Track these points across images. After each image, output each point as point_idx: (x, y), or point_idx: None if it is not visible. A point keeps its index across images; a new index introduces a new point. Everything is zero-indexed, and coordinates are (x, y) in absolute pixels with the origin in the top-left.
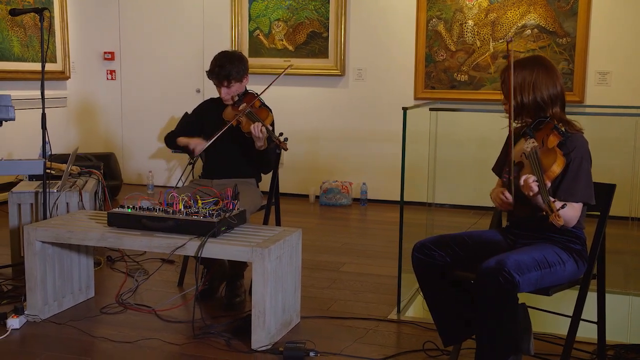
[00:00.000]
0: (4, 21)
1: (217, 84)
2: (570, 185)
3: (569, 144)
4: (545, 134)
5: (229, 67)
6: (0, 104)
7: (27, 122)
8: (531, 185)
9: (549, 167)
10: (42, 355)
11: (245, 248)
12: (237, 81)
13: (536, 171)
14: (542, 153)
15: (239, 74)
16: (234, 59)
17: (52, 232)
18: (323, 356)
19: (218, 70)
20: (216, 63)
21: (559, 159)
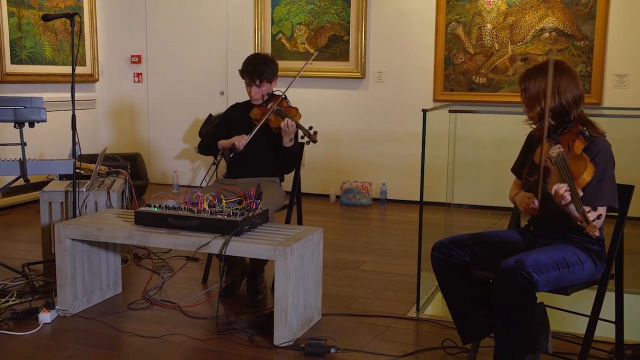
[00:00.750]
0: (37, 26)
1: (249, 83)
2: (595, 190)
3: (593, 148)
4: (570, 138)
5: (262, 67)
6: (33, 106)
7: (57, 124)
8: (564, 195)
9: (580, 175)
10: (72, 349)
11: (268, 246)
12: (268, 82)
13: (567, 179)
14: (570, 159)
15: (270, 75)
16: (266, 61)
17: (81, 229)
18: (344, 353)
19: (251, 69)
20: (249, 62)
21: (589, 167)
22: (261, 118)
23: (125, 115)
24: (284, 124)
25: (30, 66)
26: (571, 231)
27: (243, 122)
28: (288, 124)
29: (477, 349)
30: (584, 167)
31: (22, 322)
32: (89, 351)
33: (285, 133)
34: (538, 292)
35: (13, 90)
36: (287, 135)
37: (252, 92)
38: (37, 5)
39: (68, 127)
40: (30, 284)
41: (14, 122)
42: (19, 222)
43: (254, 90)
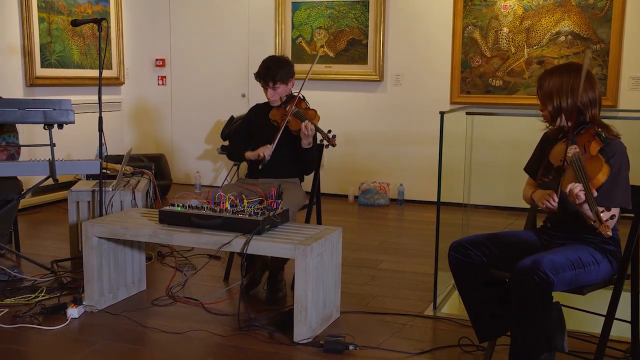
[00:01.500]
0: (65, 31)
1: (264, 85)
2: (609, 191)
3: (608, 150)
4: (586, 139)
5: (275, 69)
6: (62, 108)
7: (85, 125)
8: (578, 194)
9: (595, 176)
10: (99, 343)
11: (289, 245)
12: (283, 83)
13: (582, 179)
14: (586, 160)
15: (285, 76)
16: (280, 62)
17: (107, 228)
18: (362, 350)
19: (264, 72)
20: (264, 65)
21: (604, 168)
22: (281, 120)
23: (149, 117)
24: (304, 127)
25: (59, 70)
26: (587, 232)
27: (263, 124)
28: (307, 127)
29: (493, 348)
30: (599, 167)
31: (51, 317)
32: (115, 346)
33: (304, 135)
34: (554, 292)
35: (43, 93)
36: (305, 138)
37: (269, 94)
38: (66, 11)
39: (95, 128)
40: (59, 280)
41: (44, 124)
42: (48, 220)
43: (270, 92)
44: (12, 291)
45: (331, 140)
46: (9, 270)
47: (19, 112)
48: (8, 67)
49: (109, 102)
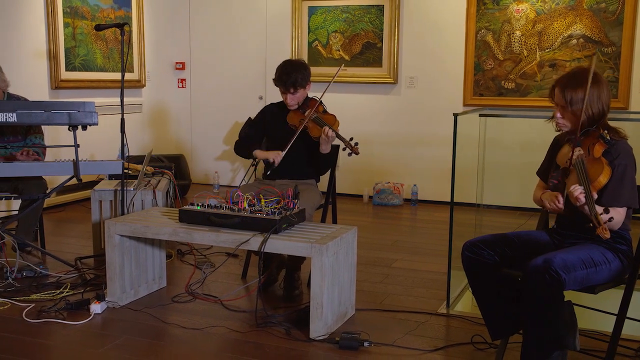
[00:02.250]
0: (89, 36)
1: (284, 91)
2: (615, 191)
3: (613, 151)
4: (591, 142)
5: (295, 75)
6: (85, 110)
7: (107, 127)
8: (578, 196)
9: (596, 178)
10: (121, 338)
11: (305, 244)
12: (302, 87)
13: (583, 181)
14: (589, 162)
15: (304, 80)
16: (299, 67)
17: (129, 226)
18: (376, 346)
19: (285, 78)
20: (282, 71)
21: (606, 170)
22: (299, 125)
23: (169, 118)
24: (324, 134)
25: (83, 73)
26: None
27: (279, 126)
28: (328, 134)
29: (505, 345)
30: (600, 170)
31: (75, 312)
32: (136, 341)
33: (324, 142)
34: (566, 291)
35: (67, 96)
36: (325, 144)
37: (288, 99)
38: (90, 16)
39: (117, 129)
40: (83, 276)
41: (68, 125)
42: (72, 218)
43: (290, 97)
44: (37, 287)
45: (354, 149)
46: (34, 267)
47: (45, 114)
48: (34, 70)
49: (130, 104)
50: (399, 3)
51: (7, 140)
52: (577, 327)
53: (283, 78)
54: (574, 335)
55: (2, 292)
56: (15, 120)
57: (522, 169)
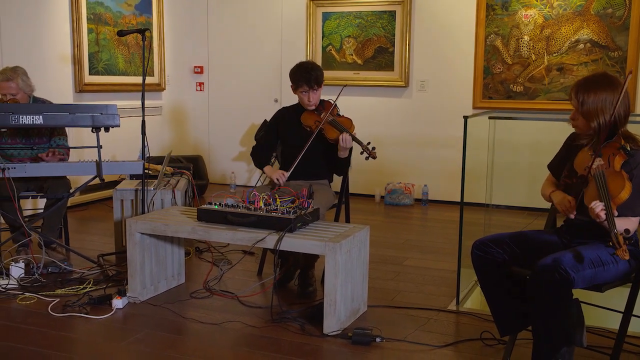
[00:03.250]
0: (112, 41)
1: (307, 89)
2: (632, 202)
3: (632, 162)
4: (611, 152)
5: (316, 72)
6: (108, 112)
7: (128, 128)
8: (598, 213)
9: (617, 194)
10: (141, 332)
11: (319, 242)
12: (321, 86)
13: (603, 197)
14: (609, 176)
15: (322, 77)
16: (315, 66)
17: (149, 225)
18: (388, 342)
19: (308, 76)
20: (302, 70)
21: (627, 186)
22: (314, 127)
23: (188, 120)
24: (342, 140)
25: (105, 77)
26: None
27: (294, 128)
28: (346, 140)
29: (514, 342)
30: (621, 186)
31: (97, 307)
32: (156, 335)
33: (342, 148)
34: (574, 289)
35: (91, 99)
36: (343, 150)
37: (310, 97)
38: (112, 22)
39: (138, 131)
40: (105, 273)
41: (92, 127)
42: (95, 217)
43: (312, 95)
44: (62, 282)
45: (372, 153)
46: (59, 263)
47: (69, 117)
48: (59, 74)
49: (150, 106)
50: (410, 9)
51: (33, 142)
52: (584, 324)
53: (306, 76)
54: (582, 332)
55: (29, 287)
56: (41, 122)
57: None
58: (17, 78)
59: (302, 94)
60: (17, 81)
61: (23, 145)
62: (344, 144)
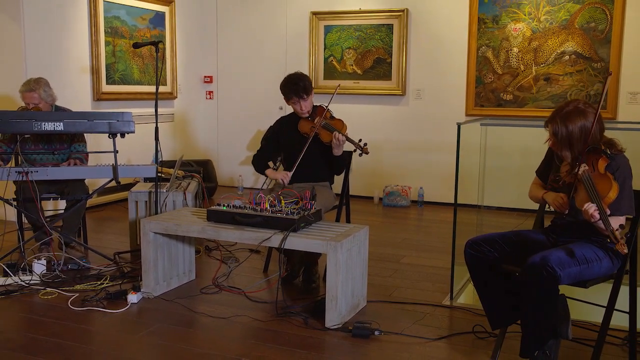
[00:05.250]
0: (127, 53)
1: (296, 100)
2: (617, 202)
3: (613, 164)
4: (594, 157)
5: (302, 82)
6: (124, 119)
7: (142, 134)
8: (593, 214)
9: (606, 194)
10: (155, 326)
11: (321, 241)
12: (310, 93)
13: (594, 198)
14: (596, 178)
15: (310, 87)
16: (302, 76)
17: (162, 225)
18: (386, 335)
19: (295, 87)
20: (290, 82)
21: (614, 186)
22: (310, 132)
23: (198, 127)
24: (335, 138)
25: (121, 86)
26: (590, 232)
27: (292, 135)
28: (339, 138)
29: (504, 334)
30: (609, 186)
31: (114, 302)
32: (168, 328)
33: (337, 146)
34: (560, 285)
35: (107, 107)
36: (337, 148)
37: (302, 106)
38: (128, 35)
39: (152, 137)
40: (121, 269)
41: (109, 133)
42: (111, 217)
43: (303, 104)
44: (81, 278)
45: (364, 149)
46: (78, 261)
47: (87, 124)
48: (79, 84)
49: (163, 114)
50: (407, 22)
51: (54, 148)
52: (570, 318)
53: (294, 88)
54: (567, 326)
55: (50, 282)
56: (62, 129)
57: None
58: (40, 89)
59: (294, 104)
60: (39, 92)
61: (45, 150)
62: (337, 142)
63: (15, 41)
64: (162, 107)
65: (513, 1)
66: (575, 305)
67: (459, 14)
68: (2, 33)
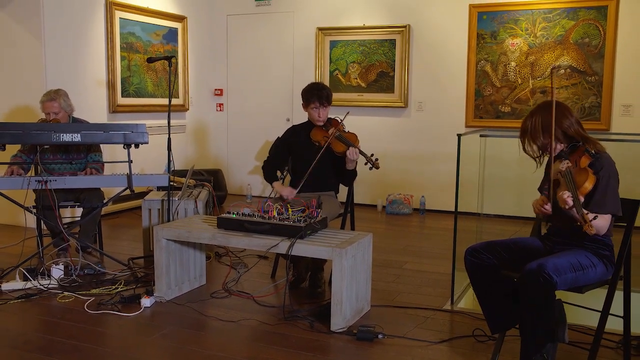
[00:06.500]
0: (142, 67)
1: (318, 106)
2: (600, 199)
3: (597, 164)
4: (578, 156)
5: (326, 91)
6: (138, 131)
7: (156, 145)
8: (566, 199)
9: (582, 184)
10: (167, 328)
11: (327, 248)
12: (330, 104)
13: (571, 188)
14: (576, 172)
15: (331, 97)
16: (327, 87)
17: (174, 231)
18: (389, 338)
19: (319, 93)
20: (315, 88)
21: (590, 177)
22: (323, 141)
23: (209, 137)
24: (349, 153)
25: (136, 99)
26: (585, 239)
27: (303, 143)
28: (353, 153)
29: (503, 338)
30: (585, 177)
31: (128, 305)
32: (180, 331)
33: (350, 160)
34: (557, 291)
35: (122, 119)
36: (351, 163)
37: (320, 113)
38: (142, 50)
39: (164, 147)
40: (134, 274)
41: (123, 144)
42: (125, 224)
43: (322, 112)
44: (97, 283)
45: (375, 164)
46: (94, 266)
47: (103, 135)
48: (95, 97)
49: (176, 125)
50: (409, 38)
51: (72, 158)
52: (566, 322)
53: (317, 93)
54: (564, 330)
55: (67, 287)
56: (80, 140)
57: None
58: (60, 99)
59: (313, 110)
60: (59, 101)
61: (63, 160)
62: (351, 156)
63: (36, 56)
64: (175, 119)
65: (510, 17)
66: (571, 310)
67: (458, 29)
68: (24, 49)
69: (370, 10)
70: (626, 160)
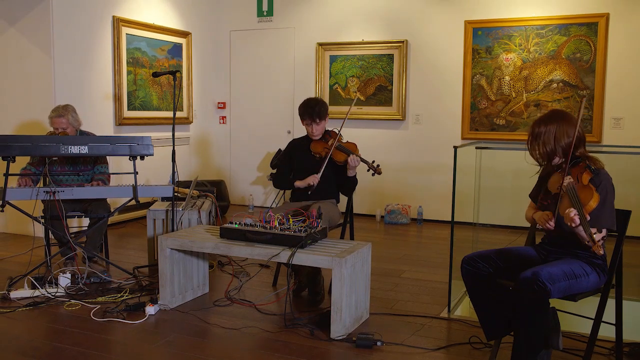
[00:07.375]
0: (147, 81)
1: (310, 122)
2: (598, 215)
3: (597, 179)
4: (579, 171)
5: (318, 108)
6: (143, 143)
7: (161, 156)
8: (573, 218)
9: (587, 202)
10: (171, 336)
11: (327, 257)
12: (324, 118)
13: (576, 206)
14: (579, 189)
15: (324, 113)
16: (319, 102)
17: (178, 241)
18: (388, 345)
19: (310, 111)
20: (307, 105)
21: (595, 196)
22: (324, 152)
23: (212, 149)
24: (351, 160)
25: (141, 112)
26: (578, 248)
27: (304, 155)
28: (354, 159)
29: (499, 345)
30: (590, 195)
31: (133, 313)
32: (184, 338)
33: (351, 167)
34: (551, 299)
35: (128, 131)
36: (352, 169)
37: (313, 129)
38: (148, 65)
39: (169, 159)
40: (139, 283)
41: (129, 156)
42: (131, 233)
43: (315, 127)
44: (102, 291)
45: (377, 169)
46: (100, 274)
47: (110, 147)
48: (102, 110)
49: (180, 137)
50: (406, 52)
51: (79, 169)
52: (560, 329)
53: (308, 111)
54: (558, 337)
55: (74, 295)
56: (87, 152)
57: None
58: (68, 114)
59: (307, 126)
60: (67, 117)
61: (70, 172)
62: (352, 163)
63: (45, 71)
64: (179, 132)
65: (505, 33)
66: (565, 318)
67: (454, 45)
68: (34, 64)
69: (369, 26)
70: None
